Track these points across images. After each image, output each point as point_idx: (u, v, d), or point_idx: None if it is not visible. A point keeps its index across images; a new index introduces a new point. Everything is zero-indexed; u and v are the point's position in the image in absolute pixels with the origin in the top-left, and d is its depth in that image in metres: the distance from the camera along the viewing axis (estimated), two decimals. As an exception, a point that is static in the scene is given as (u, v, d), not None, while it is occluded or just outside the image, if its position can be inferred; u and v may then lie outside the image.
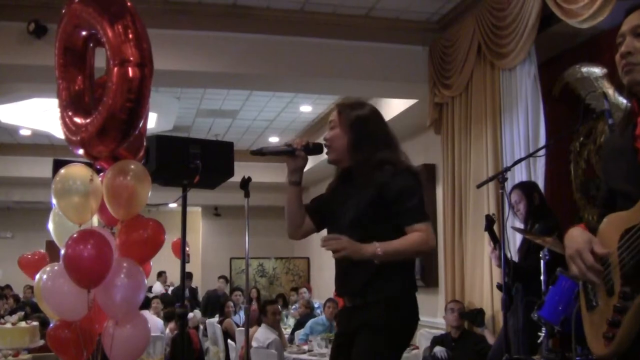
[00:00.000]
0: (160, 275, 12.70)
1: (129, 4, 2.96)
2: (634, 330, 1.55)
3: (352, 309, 2.49)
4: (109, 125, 2.89)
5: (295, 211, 2.61)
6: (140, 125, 2.99)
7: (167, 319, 7.76)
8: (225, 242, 13.83)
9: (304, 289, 10.61)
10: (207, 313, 9.95)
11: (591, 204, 4.96)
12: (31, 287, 11.49)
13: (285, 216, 2.65)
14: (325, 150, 2.56)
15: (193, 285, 12.21)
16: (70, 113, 3.12)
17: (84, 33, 3.13)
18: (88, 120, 2.99)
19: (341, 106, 2.60)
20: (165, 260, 8.98)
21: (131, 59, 2.85)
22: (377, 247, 2.33)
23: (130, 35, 2.87)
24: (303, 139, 2.58)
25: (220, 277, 11.87)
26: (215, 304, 9.88)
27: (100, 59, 3.22)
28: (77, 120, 3.08)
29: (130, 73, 2.85)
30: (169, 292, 11.74)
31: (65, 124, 3.13)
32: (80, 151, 3.11)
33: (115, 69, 2.86)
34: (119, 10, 2.92)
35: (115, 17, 2.90)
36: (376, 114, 2.60)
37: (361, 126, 2.51)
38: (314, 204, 2.71)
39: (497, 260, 4.09)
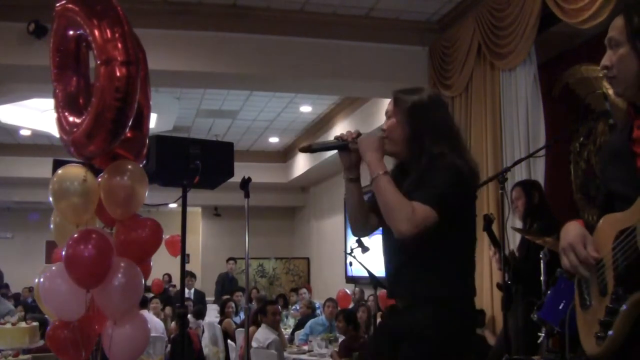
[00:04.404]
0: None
1: (114, 2, 2.94)
2: (625, 331, 1.56)
3: (401, 310, 2.27)
4: (97, 125, 2.87)
5: (359, 209, 2.38)
6: (130, 123, 2.96)
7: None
8: (225, 242, 13.84)
9: (304, 290, 10.61)
10: (224, 293, 10.37)
11: (591, 204, 4.96)
12: (29, 288, 11.50)
13: (348, 216, 2.43)
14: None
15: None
16: (66, 114, 3.11)
17: (74, 33, 3.12)
18: (79, 121, 2.99)
19: (397, 93, 2.34)
20: (164, 260, 9.00)
21: (118, 57, 2.82)
22: (379, 173, 2.14)
23: (117, 34, 2.84)
24: (354, 131, 2.32)
25: (229, 259, 11.89)
26: (229, 284, 11.01)
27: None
28: (72, 120, 3.07)
29: (117, 72, 2.82)
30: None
31: (60, 125, 3.13)
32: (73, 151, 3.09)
33: (102, 68, 2.84)
34: (105, 8, 2.90)
35: (101, 15, 2.87)
36: (435, 100, 2.34)
37: (419, 114, 2.25)
38: (374, 197, 2.44)
39: (498, 263, 4.07)
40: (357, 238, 5.64)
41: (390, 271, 2.33)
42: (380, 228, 2.40)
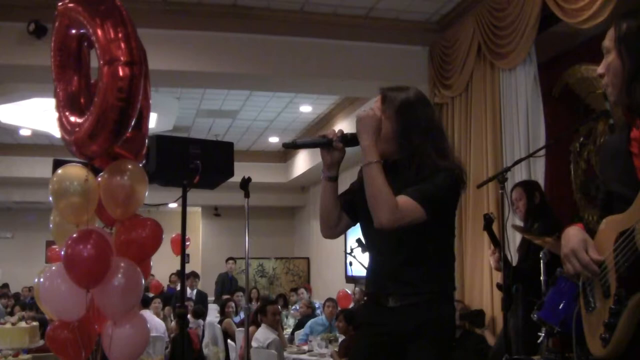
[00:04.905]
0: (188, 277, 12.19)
1: (118, 2, 2.94)
2: (629, 332, 1.57)
3: (393, 309, 2.24)
4: (100, 124, 2.87)
5: (332, 209, 2.40)
6: (133, 123, 2.97)
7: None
8: (225, 242, 13.84)
9: (302, 290, 10.61)
10: (224, 293, 10.45)
11: (591, 204, 4.95)
12: (29, 288, 11.51)
13: (320, 215, 2.44)
14: None
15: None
16: (67, 113, 3.12)
17: (76, 32, 3.12)
18: (81, 120, 2.99)
19: (385, 90, 2.35)
20: (166, 260, 9.00)
21: (121, 57, 2.82)
22: (372, 160, 2.14)
23: (120, 34, 2.85)
24: (338, 130, 2.34)
25: (228, 259, 11.86)
26: (229, 284, 11.03)
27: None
28: (73, 120, 3.07)
29: (120, 72, 2.83)
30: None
31: (62, 125, 3.13)
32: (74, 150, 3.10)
33: (105, 68, 2.84)
34: (108, 8, 2.90)
35: (104, 15, 2.87)
36: (422, 98, 2.35)
37: (408, 111, 2.27)
38: (347, 197, 2.46)
39: (496, 263, 4.07)
40: (357, 238, 5.65)
41: (384, 270, 2.32)
42: (366, 229, 2.41)
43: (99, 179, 3.17)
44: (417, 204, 2.12)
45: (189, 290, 9.73)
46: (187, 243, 8.69)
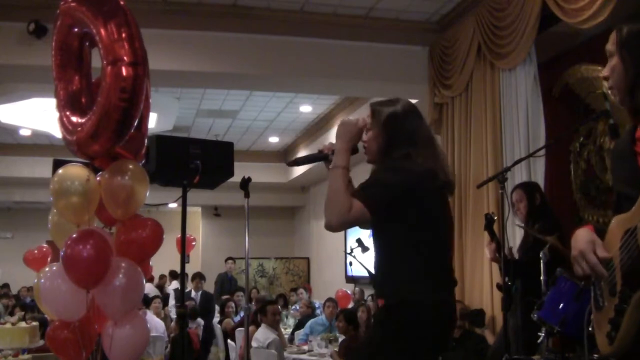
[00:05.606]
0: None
1: (122, 2, 2.95)
2: (633, 329, 1.59)
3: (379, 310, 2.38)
4: (102, 124, 2.88)
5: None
6: (135, 124, 2.97)
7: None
8: (225, 242, 13.84)
9: (302, 290, 10.60)
10: (224, 293, 10.50)
11: (591, 204, 4.95)
12: (27, 288, 11.46)
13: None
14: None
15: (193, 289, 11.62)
16: (68, 113, 3.12)
17: (78, 32, 3.13)
18: (83, 120, 2.99)
19: (374, 105, 2.45)
20: (167, 260, 8.99)
21: (124, 58, 2.83)
22: (339, 165, 2.28)
23: (124, 35, 2.85)
24: (333, 144, 2.45)
25: (227, 259, 11.83)
26: (229, 284, 11.04)
27: (99, 59, 3.20)
28: (74, 120, 3.07)
29: (124, 72, 2.84)
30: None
31: (63, 124, 3.13)
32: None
33: (109, 68, 2.85)
34: (112, 9, 2.91)
35: (108, 16, 2.88)
36: (409, 111, 2.41)
37: (394, 125, 2.36)
38: None
39: (492, 253, 4.10)
40: (357, 238, 5.65)
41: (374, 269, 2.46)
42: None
43: (98, 178, 3.17)
44: (360, 202, 2.19)
45: (193, 293, 9.65)
46: (193, 243, 8.36)
